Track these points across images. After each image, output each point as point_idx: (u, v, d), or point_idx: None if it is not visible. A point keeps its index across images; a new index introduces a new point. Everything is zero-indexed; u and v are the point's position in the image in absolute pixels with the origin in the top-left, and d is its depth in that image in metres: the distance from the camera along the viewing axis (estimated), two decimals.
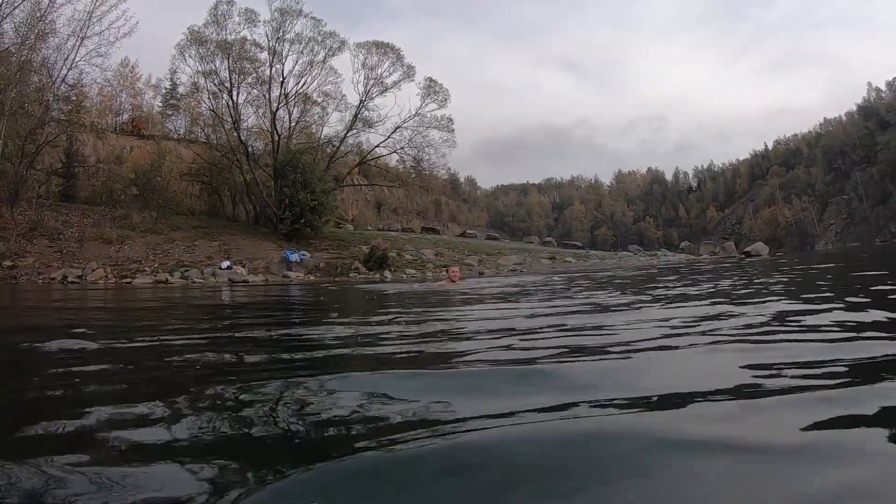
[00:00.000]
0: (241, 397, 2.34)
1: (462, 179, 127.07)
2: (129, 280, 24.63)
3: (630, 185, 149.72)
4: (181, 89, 41.13)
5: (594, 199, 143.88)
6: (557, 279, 17.00)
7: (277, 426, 2.00)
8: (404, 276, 29.20)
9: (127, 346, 4.29)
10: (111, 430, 1.89)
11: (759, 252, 45.76)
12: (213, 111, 37.34)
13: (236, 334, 5.24)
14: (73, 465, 1.56)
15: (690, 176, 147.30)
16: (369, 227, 53.12)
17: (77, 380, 2.86)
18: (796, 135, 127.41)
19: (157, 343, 4.43)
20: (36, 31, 30.81)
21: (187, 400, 2.30)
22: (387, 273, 29.46)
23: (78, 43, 32.15)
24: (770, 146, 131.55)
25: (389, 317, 6.58)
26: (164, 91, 45.84)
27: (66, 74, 32.94)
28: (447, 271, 15.11)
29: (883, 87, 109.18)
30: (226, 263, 27.60)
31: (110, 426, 1.94)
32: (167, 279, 24.88)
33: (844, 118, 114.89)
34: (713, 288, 9.76)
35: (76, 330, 4.90)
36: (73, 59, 32.46)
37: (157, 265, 27.44)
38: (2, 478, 1.45)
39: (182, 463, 1.59)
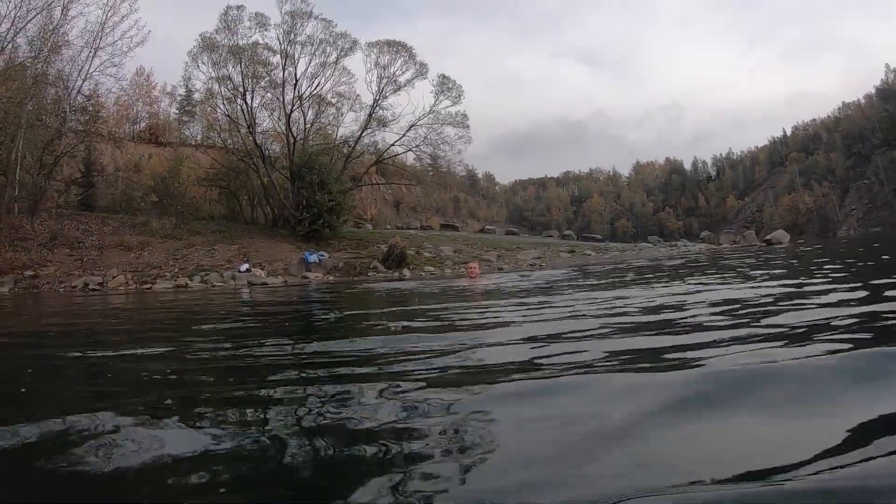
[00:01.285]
0: None
1: (480, 175, 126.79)
2: (149, 286, 24.72)
3: (648, 175, 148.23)
4: (196, 96, 41.27)
5: (613, 191, 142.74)
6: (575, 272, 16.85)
7: None
8: (423, 273, 29.03)
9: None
10: None
11: (781, 240, 44.98)
12: (228, 116, 37.47)
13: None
14: None
15: (709, 165, 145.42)
16: (388, 226, 52.99)
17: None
18: (815, 120, 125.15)
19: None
20: (49, 43, 31.08)
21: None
22: (405, 271, 29.30)
23: (92, 54, 32.51)
24: (788, 132, 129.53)
25: None
26: (179, 98, 46.04)
27: (81, 85, 33.31)
28: (467, 268, 15.25)
29: None
30: (245, 266, 27.60)
31: None
32: (187, 283, 24.96)
33: (863, 101, 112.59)
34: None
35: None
36: (88, 70, 32.83)
37: (176, 270, 27.54)
38: None
39: None
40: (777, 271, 10.67)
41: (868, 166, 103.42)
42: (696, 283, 8.79)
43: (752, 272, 10.73)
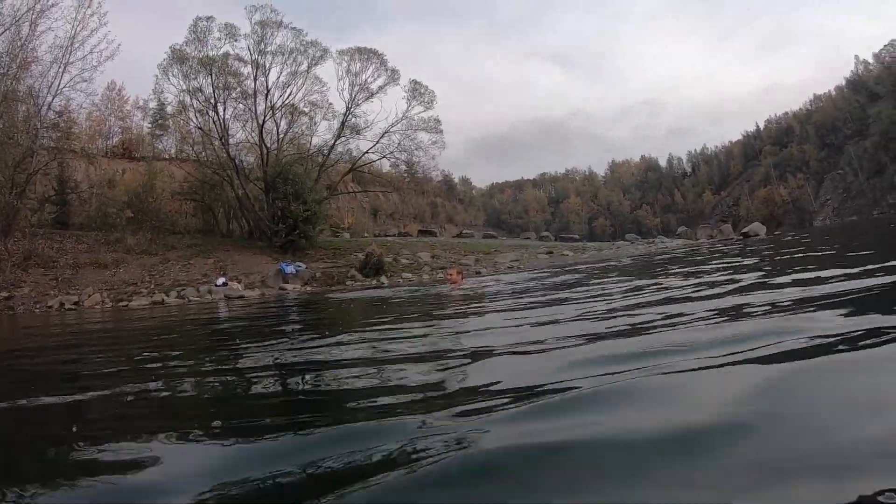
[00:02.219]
0: None
1: (457, 180, 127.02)
2: (125, 303, 24.66)
3: (625, 174, 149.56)
4: (169, 109, 41.20)
5: (590, 191, 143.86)
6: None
7: None
8: (401, 280, 29.22)
9: None
10: None
11: (757, 232, 45.85)
12: (200, 128, 37.40)
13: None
14: None
15: (684, 161, 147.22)
16: (366, 234, 53.07)
17: None
18: (787, 113, 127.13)
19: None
20: (18, 60, 30.83)
21: None
22: (383, 279, 29.46)
23: (62, 69, 32.17)
24: (762, 126, 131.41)
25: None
26: (151, 112, 45.87)
27: (52, 101, 32.99)
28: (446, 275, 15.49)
29: (870, 60, 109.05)
30: (221, 280, 27.63)
31: None
32: (163, 300, 24.93)
33: (834, 93, 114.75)
34: None
35: None
36: (58, 86, 32.47)
37: (153, 286, 27.49)
38: None
39: None
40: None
41: (841, 157, 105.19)
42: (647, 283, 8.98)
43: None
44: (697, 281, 8.43)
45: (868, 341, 2.74)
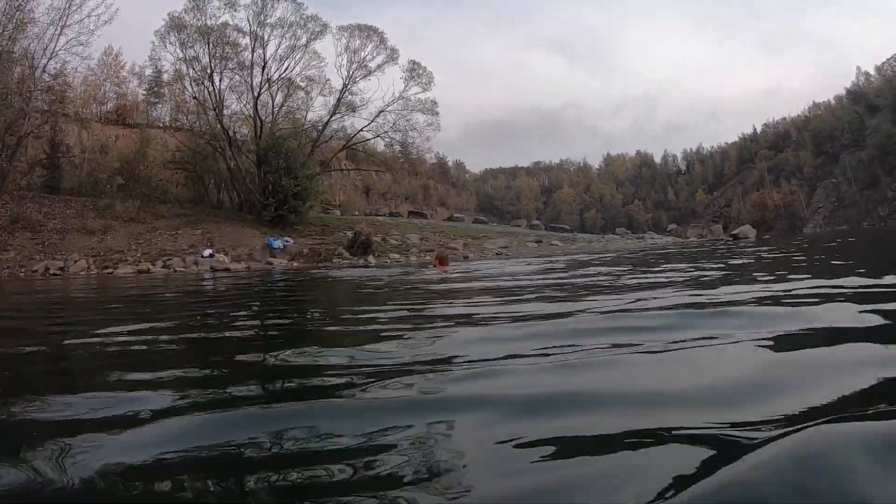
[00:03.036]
0: None
1: (451, 163, 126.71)
2: (110, 270, 24.75)
3: (619, 168, 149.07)
4: (165, 76, 40.93)
5: (583, 183, 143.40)
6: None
7: None
8: (388, 260, 29.33)
9: None
10: None
11: (747, 235, 46.23)
12: (195, 98, 37.19)
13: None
14: None
15: (679, 159, 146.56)
16: (357, 213, 52.98)
17: None
18: (785, 118, 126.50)
19: None
20: (14, 20, 30.64)
21: None
22: (371, 258, 29.59)
23: (58, 32, 31.95)
24: (759, 129, 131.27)
25: None
26: (147, 79, 45.58)
27: (46, 64, 32.78)
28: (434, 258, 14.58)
29: (872, 72, 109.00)
30: (208, 251, 27.70)
31: None
32: (149, 268, 25.03)
33: (833, 102, 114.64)
34: None
35: None
36: (54, 49, 32.28)
37: (139, 255, 27.57)
38: None
39: None
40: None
41: (836, 166, 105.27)
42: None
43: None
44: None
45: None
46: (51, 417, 2.11)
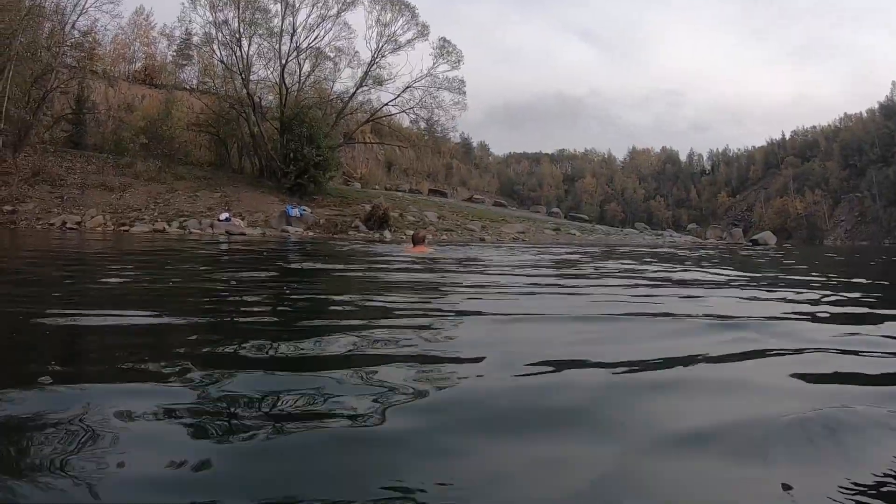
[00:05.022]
0: None
1: (475, 144, 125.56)
2: (126, 228, 24.82)
3: (643, 162, 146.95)
4: (194, 39, 40.81)
5: (606, 174, 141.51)
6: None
7: None
8: (404, 237, 29.15)
9: None
10: None
11: (767, 241, 45.54)
12: (223, 62, 37.06)
13: None
14: None
15: (705, 158, 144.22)
16: (377, 186, 52.78)
17: None
18: (814, 127, 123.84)
19: None
20: None
21: None
22: (387, 233, 29.43)
23: None
24: (787, 136, 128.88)
25: None
26: (176, 41, 45.51)
27: (76, 20, 32.84)
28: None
29: None
30: (225, 215, 27.66)
31: None
32: (165, 228, 25.08)
33: (865, 115, 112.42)
34: None
35: None
36: (84, 5, 32.32)
37: (156, 214, 27.62)
38: None
39: None
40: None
41: (862, 180, 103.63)
42: None
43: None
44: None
45: None
46: None
